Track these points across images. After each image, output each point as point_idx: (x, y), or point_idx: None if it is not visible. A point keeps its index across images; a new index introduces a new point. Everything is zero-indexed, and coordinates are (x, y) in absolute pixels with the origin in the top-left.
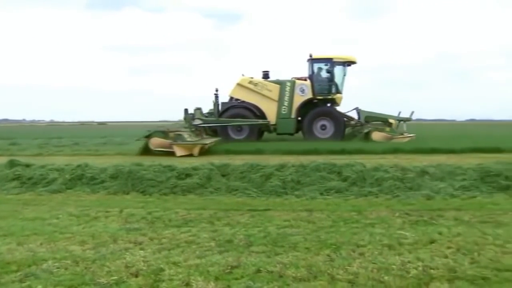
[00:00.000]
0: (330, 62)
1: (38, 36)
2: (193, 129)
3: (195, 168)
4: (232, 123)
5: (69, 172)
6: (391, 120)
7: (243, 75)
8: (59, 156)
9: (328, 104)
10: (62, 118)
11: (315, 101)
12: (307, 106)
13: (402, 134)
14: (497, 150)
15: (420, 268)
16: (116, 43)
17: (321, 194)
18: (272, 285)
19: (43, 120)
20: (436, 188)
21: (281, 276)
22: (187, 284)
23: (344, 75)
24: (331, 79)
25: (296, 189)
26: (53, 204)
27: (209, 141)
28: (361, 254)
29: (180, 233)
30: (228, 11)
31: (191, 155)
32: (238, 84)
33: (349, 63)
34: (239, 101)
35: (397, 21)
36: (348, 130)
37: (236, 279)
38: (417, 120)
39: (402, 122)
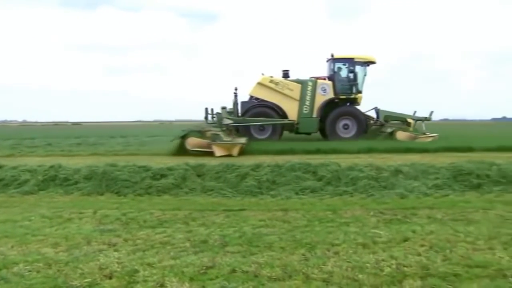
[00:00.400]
0: (351, 62)
1: (10, 35)
2: (224, 129)
3: (170, 169)
4: (260, 122)
5: (42, 173)
6: (409, 120)
7: (263, 74)
8: (31, 157)
9: (348, 104)
10: (35, 118)
11: (336, 100)
12: (328, 105)
13: (424, 134)
14: (469, 149)
15: (394, 266)
16: (91, 43)
17: (296, 193)
18: (247, 285)
19: (15, 120)
20: (410, 187)
21: (256, 276)
22: (162, 285)
23: (365, 75)
24: (353, 79)
25: (272, 189)
26: (25, 206)
27: (244, 141)
28: (336, 253)
29: (155, 234)
30: (204, 11)
31: (229, 155)
32: (259, 83)
33: (369, 63)
34: (258, 100)
35: (372, 22)
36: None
37: (211, 279)
38: None
39: (420, 121)
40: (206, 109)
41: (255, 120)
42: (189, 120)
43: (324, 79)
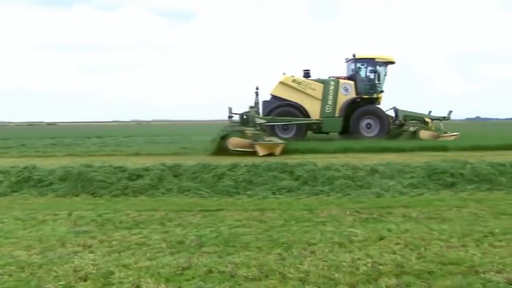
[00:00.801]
0: (372, 62)
1: None
2: (258, 128)
3: (146, 169)
4: (292, 122)
5: (15, 174)
6: (426, 119)
7: (284, 73)
8: (4, 157)
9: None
10: (8, 118)
11: (358, 100)
12: (350, 105)
13: (446, 133)
14: (444, 149)
15: (370, 265)
16: (66, 42)
17: (273, 193)
18: (223, 285)
19: None
20: (386, 186)
21: (232, 276)
22: (138, 287)
23: (385, 75)
24: (375, 78)
25: (248, 188)
26: None
27: (281, 141)
28: (312, 252)
29: (131, 235)
30: (181, 10)
31: (271, 154)
32: (281, 83)
33: (389, 63)
34: (280, 100)
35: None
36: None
37: (187, 280)
38: None
39: (438, 121)
40: (230, 108)
41: (283, 120)
42: (166, 120)
43: (344, 79)
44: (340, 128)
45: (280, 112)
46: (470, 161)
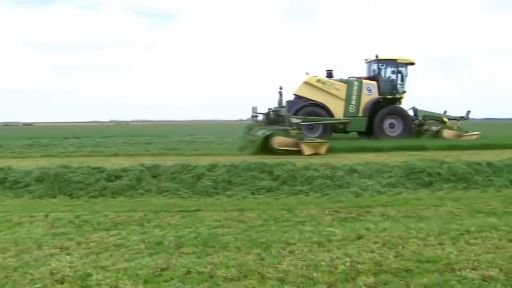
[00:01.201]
0: (394, 63)
1: None
2: (294, 128)
3: (124, 170)
4: (324, 121)
5: None
6: (444, 119)
7: (307, 73)
8: None
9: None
10: None
11: (380, 100)
12: (374, 105)
13: (467, 132)
14: (422, 148)
15: (348, 264)
16: (43, 41)
17: (252, 193)
18: (202, 286)
19: None
20: (364, 185)
21: (211, 277)
22: None
23: (406, 75)
24: (397, 79)
25: (228, 189)
26: None
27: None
28: (291, 252)
29: (109, 237)
30: (161, 10)
31: (316, 153)
32: (305, 83)
33: (410, 64)
34: (304, 99)
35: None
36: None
37: (166, 281)
38: None
39: (456, 121)
40: (254, 108)
41: (315, 119)
42: (146, 121)
43: (365, 79)
44: (364, 128)
45: (306, 112)
46: (447, 160)
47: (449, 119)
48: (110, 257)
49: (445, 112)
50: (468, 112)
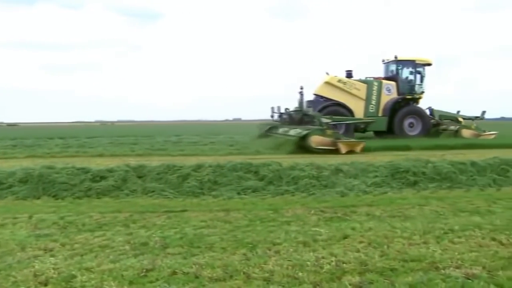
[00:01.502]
0: (413, 64)
1: None
2: (325, 127)
3: (110, 170)
4: (350, 121)
5: None
6: (460, 119)
7: (327, 73)
8: None
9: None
10: None
11: (400, 100)
12: (394, 105)
13: (485, 132)
14: (407, 148)
15: (333, 263)
16: (27, 40)
17: (238, 193)
18: (187, 286)
19: None
20: (350, 185)
21: (197, 277)
22: None
23: (424, 76)
24: (415, 79)
25: (213, 189)
26: None
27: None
28: (277, 252)
29: (94, 238)
30: (147, 10)
31: (352, 152)
32: (326, 83)
33: (427, 64)
34: (325, 99)
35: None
36: None
37: (151, 282)
38: None
39: (471, 120)
40: (273, 108)
41: (341, 119)
42: (131, 121)
43: (384, 79)
44: (385, 127)
45: (329, 112)
46: (431, 160)
47: (464, 118)
48: (95, 258)
49: (458, 112)
50: (484, 112)
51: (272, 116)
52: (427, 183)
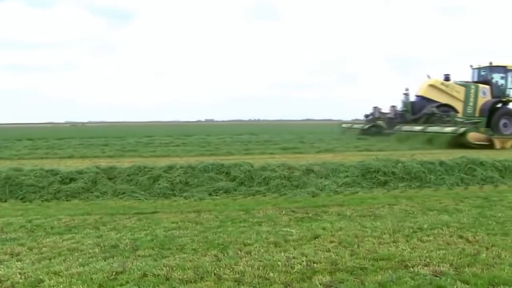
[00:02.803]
0: (505, 69)
1: None
2: (478, 125)
3: (80, 172)
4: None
5: None
6: None
7: (428, 76)
8: None
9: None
10: None
11: (496, 102)
12: (492, 106)
13: None
14: (378, 149)
15: (304, 263)
16: None
17: (210, 194)
18: None
19: None
20: (321, 185)
21: (167, 279)
22: None
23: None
24: (508, 83)
25: (185, 190)
26: None
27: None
28: (248, 252)
29: (63, 241)
30: (119, 10)
31: (503, 147)
32: (430, 85)
33: None
34: (427, 100)
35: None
36: None
37: (121, 285)
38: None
39: None
40: (375, 108)
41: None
42: (102, 122)
43: (479, 83)
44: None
45: (442, 111)
46: (401, 160)
47: None
48: (64, 262)
49: None
50: None
51: (366, 116)
52: (397, 182)
